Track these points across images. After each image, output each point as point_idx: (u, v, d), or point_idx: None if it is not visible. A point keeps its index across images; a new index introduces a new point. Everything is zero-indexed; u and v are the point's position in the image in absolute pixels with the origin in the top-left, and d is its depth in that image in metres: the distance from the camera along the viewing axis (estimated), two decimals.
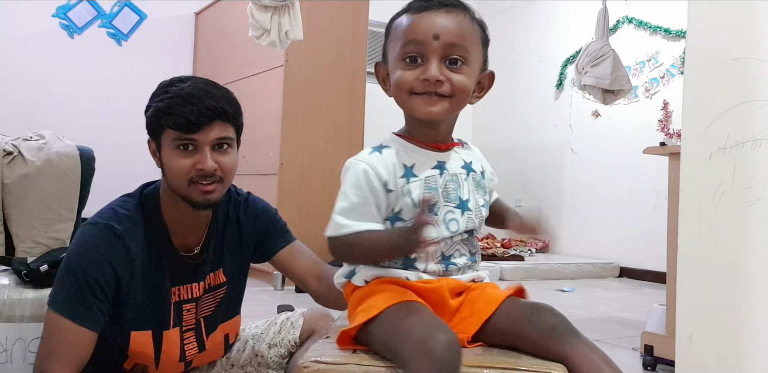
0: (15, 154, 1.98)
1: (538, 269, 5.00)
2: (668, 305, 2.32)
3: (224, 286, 1.46)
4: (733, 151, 1.51)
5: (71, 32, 4.89)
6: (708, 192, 1.55)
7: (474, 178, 1.08)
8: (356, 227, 0.98)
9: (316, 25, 4.08)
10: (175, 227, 1.37)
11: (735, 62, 1.53)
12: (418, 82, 0.98)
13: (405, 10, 1.03)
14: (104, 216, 1.32)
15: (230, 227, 1.45)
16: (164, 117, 1.26)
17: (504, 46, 6.66)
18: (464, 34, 1.00)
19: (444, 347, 0.84)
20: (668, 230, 2.36)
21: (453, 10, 1.00)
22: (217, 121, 1.27)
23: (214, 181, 1.30)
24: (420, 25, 0.98)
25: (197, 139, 1.27)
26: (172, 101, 1.26)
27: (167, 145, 1.29)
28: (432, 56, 0.97)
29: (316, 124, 4.22)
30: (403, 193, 1.00)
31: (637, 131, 5.13)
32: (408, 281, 1.01)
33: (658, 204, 4.86)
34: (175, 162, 1.28)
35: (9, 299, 1.64)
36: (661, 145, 2.58)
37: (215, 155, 1.29)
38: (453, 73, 0.98)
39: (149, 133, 1.34)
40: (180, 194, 1.31)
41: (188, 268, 1.39)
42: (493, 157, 6.98)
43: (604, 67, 3.53)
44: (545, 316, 0.97)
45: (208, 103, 1.26)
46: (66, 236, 2.02)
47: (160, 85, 1.35)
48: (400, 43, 0.99)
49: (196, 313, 1.42)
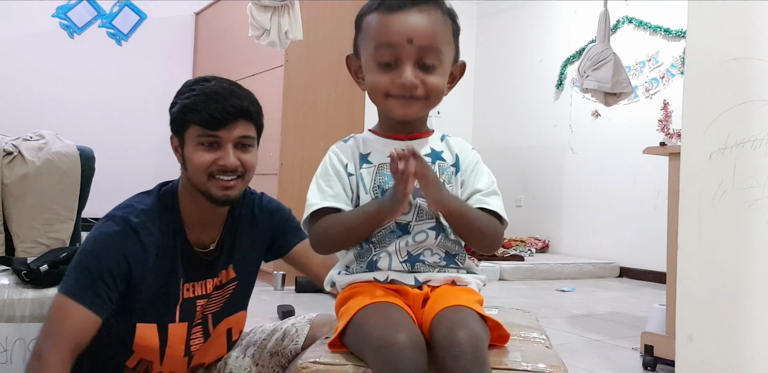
0: (15, 154, 1.98)
1: (538, 269, 5.00)
2: (668, 305, 2.32)
3: (234, 282, 1.46)
4: (733, 151, 1.51)
5: (71, 32, 4.89)
6: (708, 192, 1.55)
7: (440, 167, 1.04)
8: (323, 204, 1.01)
9: (316, 25, 4.08)
10: (191, 223, 1.38)
11: (735, 62, 1.53)
12: (394, 86, 0.98)
13: (377, 5, 0.99)
14: (122, 210, 1.34)
15: (245, 224, 1.46)
16: (190, 113, 1.29)
17: (504, 46, 6.66)
18: (437, 35, 0.98)
19: (402, 347, 0.83)
20: (668, 229, 2.36)
21: (425, 8, 0.97)
22: (240, 119, 1.30)
23: (236, 178, 1.33)
24: (393, 28, 0.96)
25: (221, 136, 1.30)
26: (198, 99, 1.29)
27: (190, 141, 1.32)
28: (406, 60, 0.96)
29: (316, 125, 4.22)
30: (357, 178, 1.02)
31: (637, 131, 5.13)
32: (380, 283, 1.00)
33: (658, 204, 4.86)
34: (197, 157, 1.30)
35: (9, 299, 1.64)
36: (661, 146, 2.58)
37: (237, 153, 1.32)
38: (427, 75, 0.98)
39: (173, 130, 1.37)
40: (199, 188, 1.33)
41: (202, 264, 1.40)
42: (493, 157, 6.99)
43: (605, 71, 3.58)
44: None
45: (233, 102, 1.29)
46: (66, 236, 2.02)
47: (186, 83, 1.37)
48: (373, 44, 0.98)
49: (204, 309, 1.43)
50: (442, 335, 0.87)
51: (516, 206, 6.25)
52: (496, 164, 6.36)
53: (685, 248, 1.61)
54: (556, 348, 1.07)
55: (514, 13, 6.58)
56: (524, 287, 4.42)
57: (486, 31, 6.87)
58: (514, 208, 6.22)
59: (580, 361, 2.44)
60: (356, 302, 0.96)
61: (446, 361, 0.85)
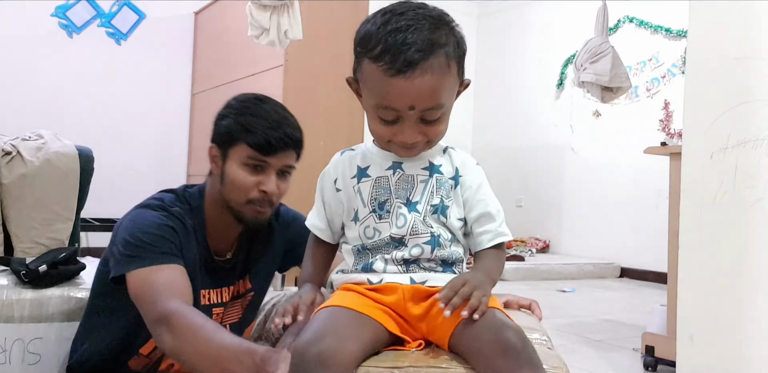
0: (14, 154, 1.97)
1: (539, 270, 4.99)
2: (669, 305, 2.32)
3: (250, 292, 1.48)
4: (734, 151, 1.50)
5: (70, 32, 4.88)
6: (709, 192, 1.55)
7: (438, 180, 1.03)
8: (308, 222, 1.12)
9: (315, 25, 4.07)
10: (212, 231, 1.39)
11: (736, 62, 1.52)
12: (396, 139, 0.98)
13: (377, 55, 0.92)
14: (154, 200, 1.34)
15: (262, 235, 1.47)
16: (244, 133, 1.30)
17: (504, 46, 6.66)
18: (440, 94, 0.94)
19: (309, 359, 0.83)
20: (669, 230, 2.35)
21: (427, 67, 0.91)
22: (290, 149, 1.34)
23: (270, 205, 1.35)
24: (393, 94, 0.92)
25: (269, 162, 1.32)
26: (257, 121, 1.30)
27: (236, 159, 1.32)
28: (407, 121, 0.95)
29: (316, 125, 4.21)
30: (354, 193, 1.03)
31: (638, 131, 5.13)
32: (369, 286, 0.99)
33: (659, 204, 4.85)
34: (240, 176, 1.31)
35: (8, 299, 1.63)
36: (662, 145, 2.58)
37: (277, 180, 1.34)
38: (429, 127, 0.97)
39: (217, 141, 1.36)
40: (233, 207, 1.34)
41: (219, 272, 1.40)
42: (493, 157, 6.97)
43: (603, 64, 3.50)
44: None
45: (289, 131, 1.33)
46: (65, 236, 2.01)
47: (240, 98, 1.38)
48: (374, 101, 0.96)
49: (222, 318, 1.42)
50: (492, 339, 0.86)
51: (516, 206, 6.24)
52: (497, 164, 6.36)
53: (686, 248, 1.61)
54: (557, 349, 1.06)
55: (514, 13, 6.57)
56: (525, 288, 4.41)
57: (486, 31, 6.87)
58: (515, 208, 6.22)
59: (581, 361, 2.43)
60: (323, 304, 0.96)
61: (500, 363, 0.84)
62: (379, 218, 1.01)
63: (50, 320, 1.65)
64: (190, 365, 1.13)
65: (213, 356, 1.05)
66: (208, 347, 1.06)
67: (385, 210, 1.00)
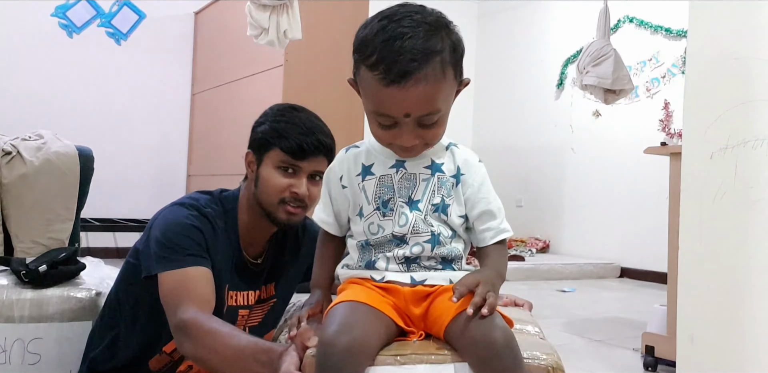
0: (14, 154, 1.97)
1: (539, 270, 4.99)
2: (669, 305, 2.32)
3: (273, 299, 1.54)
4: (734, 151, 1.50)
5: (70, 32, 4.88)
6: (709, 192, 1.55)
7: (439, 179, 1.05)
8: (314, 215, 1.16)
9: (315, 25, 4.07)
10: (244, 234, 1.46)
11: (736, 62, 1.52)
12: (395, 142, 1.01)
13: (373, 63, 0.94)
14: (188, 200, 1.42)
15: (290, 244, 1.54)
16: (279, 139, 1.39)
17: (504, 46, 6.66)
18: (435, 100, 0.96)
19: (339, 349, 0.87)
20: (669, 230, 2.35)
21: (422, 76, 0.92)
22: (321, 155, 1.41)
23: (301, 206, 1.41)
24: (389, 103, 0.94)
25: (300, 166, 1.39)
26: (291, 127, 1.39)
27: (270, 163, 1.41)
28: (405, 127, 0.97)
29: None
30: (359, 189, 1.06)
31: (638, 131, 5.13)
32: (374, 283, 1.03)
33: (659, 204, 4.85)
34: (275, 179, 1.39)
35: (8, 299, 1.63)
36: (662, 145, 2.58)
37: (308, 184, 1.41)
38: (427, 130, 0.99)
39: (253, 147, 1.45)
40: (266, 208, 1.41)
41: (248, 274, 1.46)
42: (494, 157, 6.96)
43: (605, 67, 3.53)
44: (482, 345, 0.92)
45: (321, 138, 1.41)
46: (65, 236, 2.02)
47: (276, 108, 1.48)
48: (371, 107, 0.98)
49: (246, 321, 1.49)
50: (480, 334, 0.90)
51: (516, 206, 6.24)
52: (497, 164, 6.36)
53: (686, 248, 1.61)
54: (557, 348, 1.07)
55: (514, 13, 6.57)
56: (525, 288, 4.41)
57: (486, 31, 6.87)
58: (515, 208, 6.22)
59: (581, 361, 2.43)
60: (338, 298, 1.00)
61: (485, 360, 0.89)
62: (383, 216, 1.04)
63: (50, 320, 1.65)
64: (211, 369, 1.21)
65: (232, 359, 1.13)
66: (226, 350, 1.14)
67: (389, 208, 1.04)
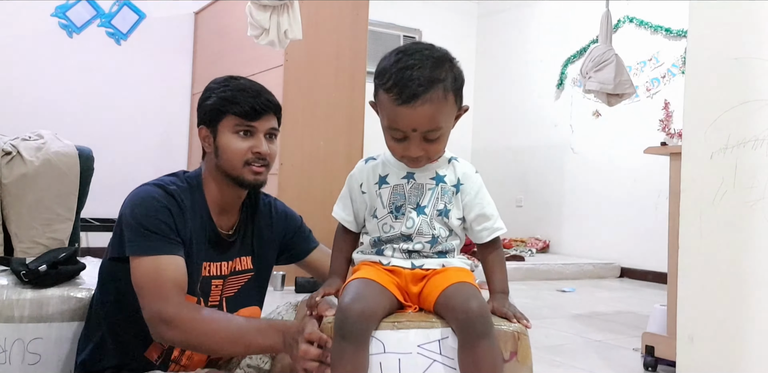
0: (14, 154, 1.97)
1: (539, 270, 4.99)
2: (669, 305, 2.32)
3: (249, 273, 1.58)
4: (734, 151, 1.50)
5: (70, 32, 4.88)
6: (709, 192, 1.55)
7: (442, 189, 1.27)
8: (334, 213, 1.35)
9: (315, 25, 4.07)
10: (214, 206, 1.51)
11: (736, 62, 1.52)
12: (405, 154, 1.21)
13: (389, 87, 1.15)
14: (154, 181, 1.47)
15: (262, 219, 1.60)
16: (229, 105, 1.45)
17: (504, 45, 6.66)
18: (438, 119, 1.16)
19: (352, 314, 1.11)
20: (669, 230, 2.35)
21: (428, 98, 1.14)
22: (271, 113, 1.49)
23: (264, 165, 1.49)
24: (400, 120, 1.16)
25: (255, 126, 1.47)
26: (237, 93, 1.46)
27: (226, 131, 1.47)
28: (412, 140, 1.18)
29: (316, 125, 4.21)
30: (376, 196, 1.28)
31: (638, 131, 5.13)
32: (382, 266, 1.25)
33: (659, 204, 4.86)
34: (235, 144, 1.46)
35: (8, 299, 1.63)
36: (662, 145, 2.58)
37: (266, 142, 1.48)
38: (430, 145, 1.19)
39: (205, 121, 1.50)
40: (232, 174, 1.47)
41: (222, 245, 1.52)
42: (493, 157, 6.95)
43: (607, 73, 3.62)
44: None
45: (268, 97, 1.49)
46: (65, 236, 2.02)
47: (216, 81, 1.53)
48: (386, 122, 1.19)
49: (222, 291, 1.53)
50: (459, 303, 1.13)
51: (516, 206, 6.24)
52: (497, 164, 6.36)
53: (686, 248, 1.61)
54: (557, 348, 1.07)
55: (514, 13, 6.57)
56: (525, 288, 4.41)
57: (486, 31, 6.87)
58: (515, 208, 6.22)
59: (580, 361, 2.43)
60: (354, 276, 1.23)
61: (463, 323, 1.11)
62: (395, 218, 1.26)
63: (50, 320, 1.65)
64: (205, 352, 1.32)
65: (231, 338, 1.27)
66: (222, 331, 1.28)
67: (401, 212, 1.26)
